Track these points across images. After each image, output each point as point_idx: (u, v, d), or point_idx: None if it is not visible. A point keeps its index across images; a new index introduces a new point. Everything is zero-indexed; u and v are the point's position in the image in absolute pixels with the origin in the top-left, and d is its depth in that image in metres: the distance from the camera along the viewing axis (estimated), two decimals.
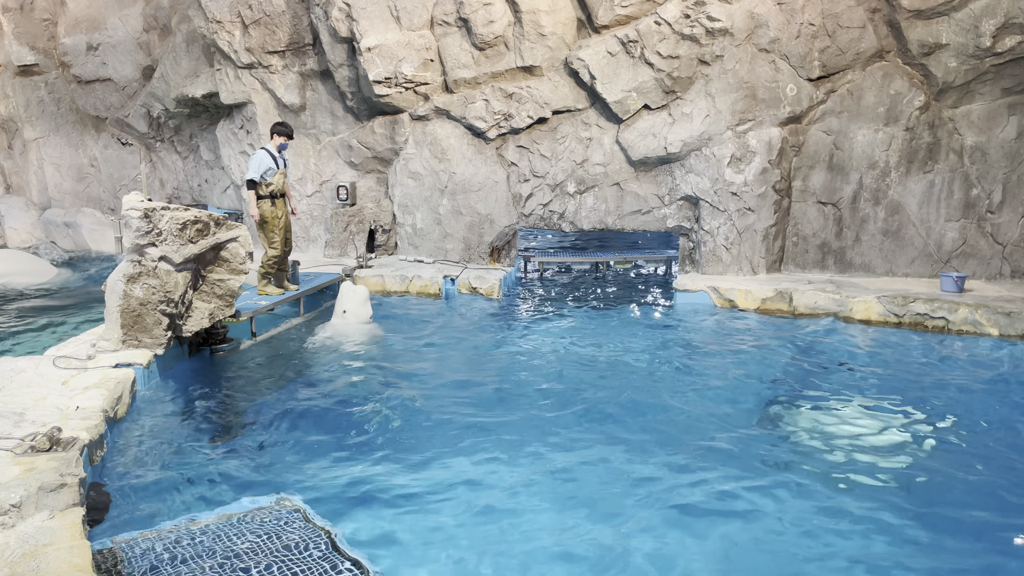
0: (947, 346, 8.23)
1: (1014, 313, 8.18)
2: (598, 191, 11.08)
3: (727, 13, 9.95)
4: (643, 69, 10.35)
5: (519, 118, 11.02)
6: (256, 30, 11.96)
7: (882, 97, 9.91)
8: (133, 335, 6.46)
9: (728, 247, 10.49)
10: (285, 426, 5.94)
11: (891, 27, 9.78)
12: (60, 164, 17.02)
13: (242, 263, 7.23)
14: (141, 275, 6.40)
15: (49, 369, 5.97)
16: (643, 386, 6.97)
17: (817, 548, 4.23)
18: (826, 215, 10.41)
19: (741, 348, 8.31)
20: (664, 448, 5.54)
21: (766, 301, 9.54)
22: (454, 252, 11.79)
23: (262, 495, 4.59)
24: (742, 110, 10.19)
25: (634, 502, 4.75)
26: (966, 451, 5.58)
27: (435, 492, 4.84)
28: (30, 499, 3.67)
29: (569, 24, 10.75)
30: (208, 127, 14.59)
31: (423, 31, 11.10)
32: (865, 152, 10.09)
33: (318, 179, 12.55)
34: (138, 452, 5.34)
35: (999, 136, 9.64)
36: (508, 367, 7.26)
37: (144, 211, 6.41)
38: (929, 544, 4.27)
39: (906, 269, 10.24)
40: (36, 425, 4.69)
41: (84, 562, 3.26)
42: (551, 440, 5.65)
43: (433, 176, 11.64)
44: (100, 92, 15.96)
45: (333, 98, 12.13)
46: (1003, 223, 9.79)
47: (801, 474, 5.14)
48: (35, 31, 16.26)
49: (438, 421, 6.03)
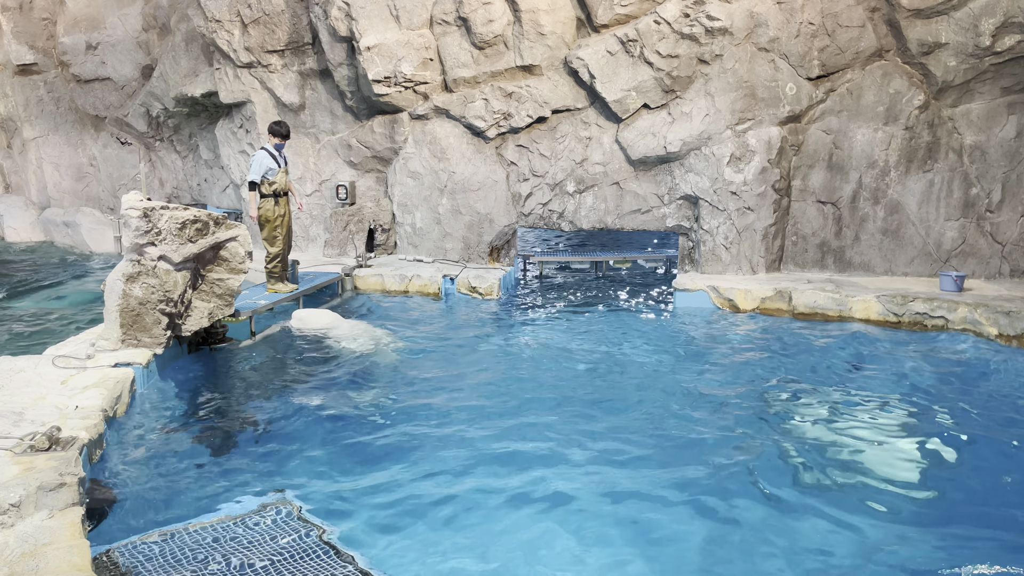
0: (946, 345, 8.23)
1: (1013, 312, 8.18)
2: (597, 190, 11.08)
3: (726, 12, 9.95)
4: (642, 68, 10.35)
5: (518, 117, 11.01)
6: (255, 29, 11.95)
7: (881, 96, 9.91)
8: (132, 334, 6.46)
9: (727, 246, 10.49)
10: (284, 426, 5.95)
11: (890, 26, 9.77)
12: (59, 163, 17.01)
13: (241, 262, 7.23)
14: (140, 274, 6.40)
15: (48, 368, 5.97)
16: (642, 385, 6.98)
17: (816, 547, 4.24)
18: (825, 214, 10.41)
19: (740, 347, 8.32)
20: (662, 448, 5.54)
21: (765, 300, 9.54)
22: (453, 251, 11.79)
23: (260, 495, 4.60)
24: (741, 109, 10.19)
25: (633, 503, 4.76)
26: (966, 451, 5.58)
27: (434, 492, 4.84)
28: (29, 498, 3.67)
29: (568, 23, 10.75)
30: (207, 126, 14.59)
31: (422, 30, 11.10)
32: (864, 151, 10.08)
33: (317, 178, 12.55)
34: (137, 451, 5.35)
35: (998, 135, 9.64)
36: (508, 367, 7.26)
37: (143, 210, 6.41)
38: (930, 545, 4.27)
39: (905, 268, 10.24)
40: (35, 424, 4.69)
41: (83, 561, 3.27)
42: (550, 439, 5.66)
43: (432, 175, 11.63)
44: (99, 91, 15.95)
45: (332, 97, 12.12)
46: (1002, 222, 9.79)
47: (801, 475, 5.14)
48: (34, 30, 16.25)
49: (437, 421, 6.04)
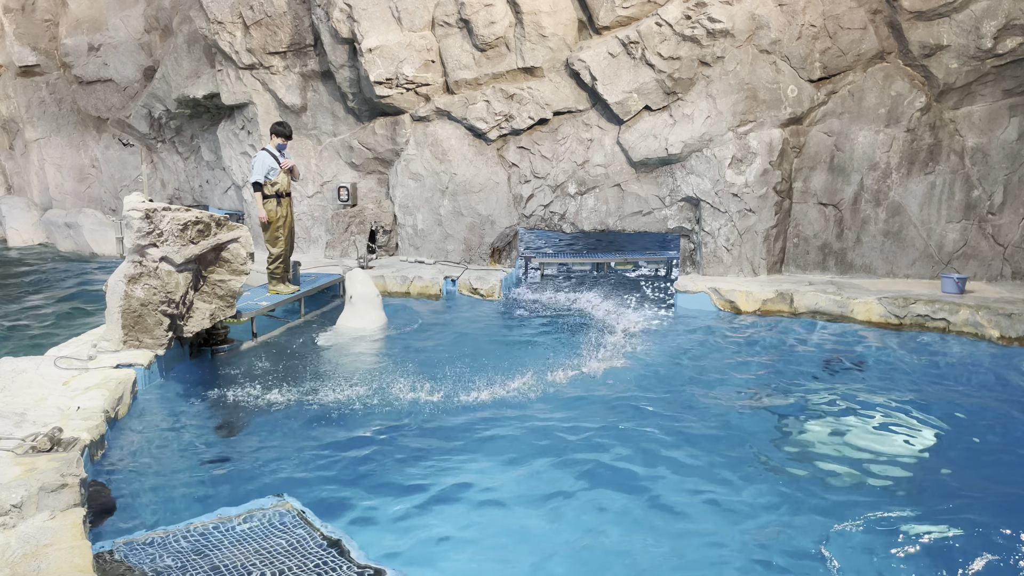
0: (948, 347, 8.22)
1: (1015, 315, 8.17)
2: (599, 192, 11.08)
3: (728, 14, 9.95)
4: (644, 70, 10.35)
5: (520, 119, 11.02)
6: (257, 31, 11.97)
7: (883, 98, 9.90)
8: (134, 336, 6.47)
9: (729, 248, 10.48)
10: (285, 427, 5.95)
11: (892, 28, 9.77)
12: (61, 165, 17.03)
13: (243, 264, 7.24)
14: (142, 275, 6.41)
15: (50, 369, 5.97)
16: (643, 387, 6.97)
17: (818, 551, 4.23)
18: (827, 216, 10.41)
19: (742, 349, 8.31)
20: (663, 450, 5.54)
21: (767, 302, 9.54)
22: (455, 253, 11.79)
23: (261, 496, 4.60)
24: (743, 111, 10.19)
25: (632, 504, 4.75)
26: (965, 451, 5.58)
27: (435, 494, 4.85)
28: (31, 499, 3.67)
29: (570, 25, 10.76)
30: (209, 128, 14.60)
31: (424, 32, 11.11)
32: (866, 153, 10.08)
33: (319, 180, 12.56)
34: (139, 452, 5.35)
35: (1000, 137, 9.63)
36: (507, 369, 7.26)
37: (145, 212, 6.42)
38: (930, 547, 4.27)
39: (907, 270, 10.23)
40: (37, 425, 4.70)
41: (85, 562, 3.27)
42: (550, 442, 5.66)
43: (434, 177, 11.64)
44: (101, 93, 15.97)
45: (334, 99, 12.13)
46: (1004, 224, 9.78)
47: (801, 477, 5.14)
48: (36, 32, 16.27)
49: (438, 423, 6.04)
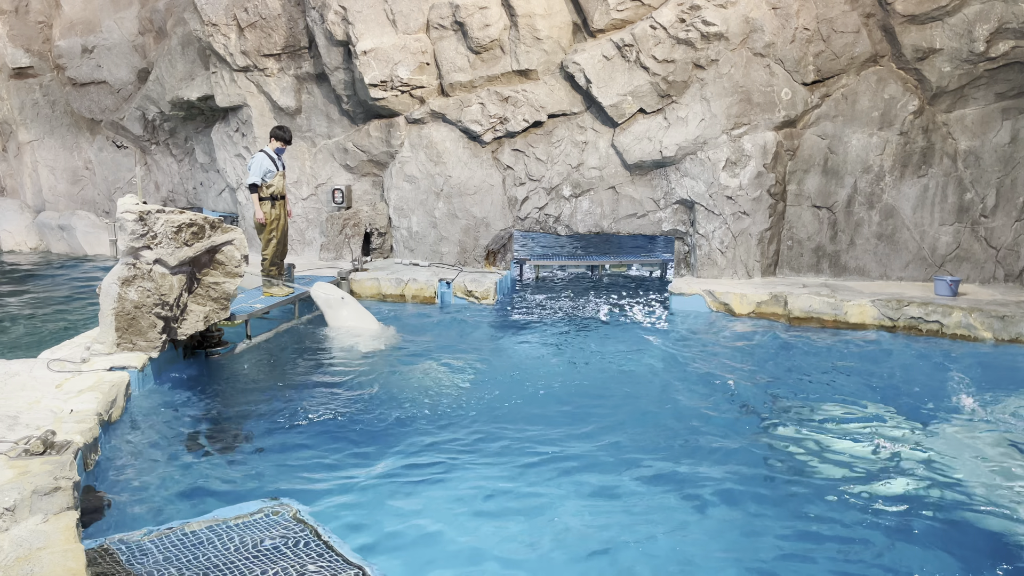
0: (941, 350, 8.26)
1: (1008, 317, 8.21)
2: (593, 195, 11.09)
3: (722, 18, 9.98)
4: (638, 73, 10.37)
5: (515, 121, 11.03)
6: (252, 33, 11.96)
7: (876, 101, 9.95)
8: (128, 338, 6.44)
9: (723, 251, 10.51)
10: (279, 429, 5.94)
11: (885, 32, 9.82)
12: (55, 167, 16.96)
13: (237, 266, 7.22)
14: (136, 278, 6.39)
15: (43, 372, 5.95)
16: (637, 390, 6.98)
17: (812, 553, 4.24)
18: (821, 219, 10.44)
19: (736, 352, 8.33)
20: (657, 453, 5.55)
21: (761, 305, 9.56)
22: (450, 255, 11.79)
23: (256, 498, 4.59)
24: (737, 114, 10.22)
25: (629, 506, 4.76)
26: (964, 455, 5.59)
27: (432, 495, 4.84)
28: (24, 503, 3.65)
29: (565, 28, 10.77)
30: (203, 130, 14.57)
31: (419, 34, 11.11)
32: (859, 156, 10.12)
33: (313, 182, 12.54)
34: (132, 455, 5.33)
35: (993, 141, 9.68)
36: (503, 371, 7.26)
37: (139, 214, 6.40)
38: (930, 548, 4.28)
39: (900, 273, 10.27)
40: (30, 428, 4.67)
41: (78, 566, 3.26)
42: (546, 443, 5.66)
43: (429, 179, 11.64)
44: (95, 95, 15.92)
45: (329, 101, 12.13)
46: (996, 227, 9.83)
47: (799, 479, 5.15)
48: (30, 33, 16.21)
49: (435, 425, 6.03)
